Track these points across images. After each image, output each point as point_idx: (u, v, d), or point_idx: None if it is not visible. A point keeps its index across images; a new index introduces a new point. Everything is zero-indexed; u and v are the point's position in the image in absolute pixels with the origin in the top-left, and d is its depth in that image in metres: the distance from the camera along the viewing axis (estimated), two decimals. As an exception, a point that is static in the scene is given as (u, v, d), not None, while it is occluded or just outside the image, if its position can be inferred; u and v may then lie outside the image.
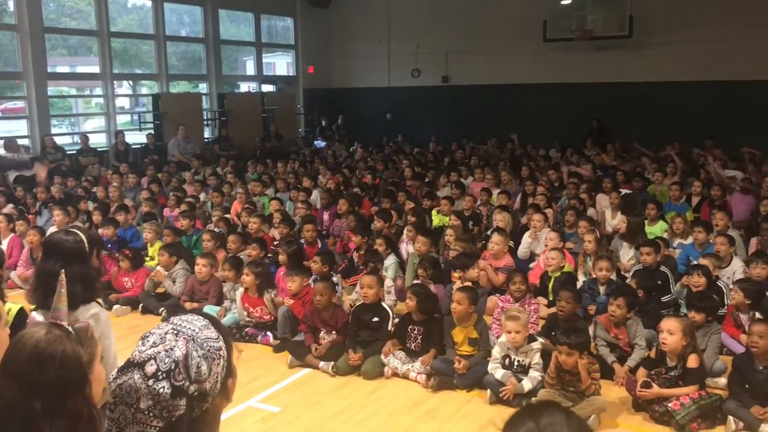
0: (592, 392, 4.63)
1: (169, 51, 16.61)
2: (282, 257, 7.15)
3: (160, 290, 7.42)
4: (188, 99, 16.95)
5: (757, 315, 5.10)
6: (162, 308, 6.97)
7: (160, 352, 1.50)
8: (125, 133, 14.65)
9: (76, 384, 1.74)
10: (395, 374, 5.46)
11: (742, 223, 8.75)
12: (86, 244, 3.38)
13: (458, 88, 18.44)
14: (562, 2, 16.08)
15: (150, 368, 1.48)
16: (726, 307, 5.96)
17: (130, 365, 1.51)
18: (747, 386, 4.59)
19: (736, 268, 6.74)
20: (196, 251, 8.04)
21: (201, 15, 17.25)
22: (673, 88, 15.56)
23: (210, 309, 6.62)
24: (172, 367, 1.49)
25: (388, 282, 6.83)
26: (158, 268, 7.42)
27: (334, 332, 5.76)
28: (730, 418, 4.47)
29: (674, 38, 15.44)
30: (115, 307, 7.08)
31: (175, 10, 17.16)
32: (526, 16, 16.68)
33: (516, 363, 5.02)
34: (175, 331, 1.55)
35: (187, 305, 6.81)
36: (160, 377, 1.47)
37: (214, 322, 1.65)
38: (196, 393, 1.53)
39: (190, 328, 1.57)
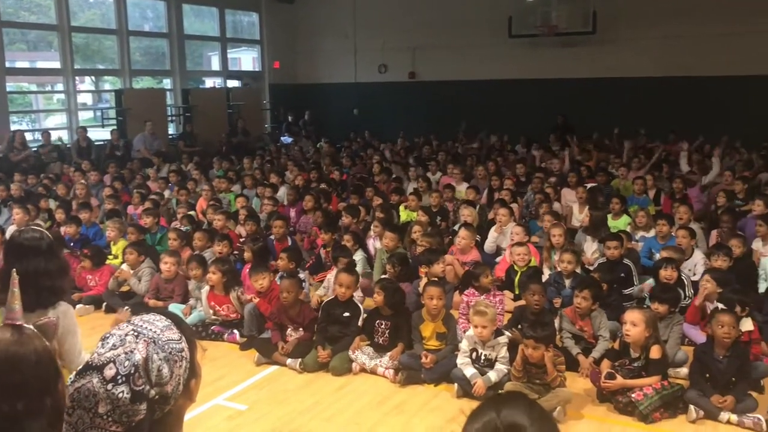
0: (557, 384, 4.68)
1: (133, 46, 16.36)
2: (248, 254, 7.10)
3: (124, 289, 7.32)
4: (152, 95, 16.72)
5: (720, 306, 5.19)
6: (126, 307, 6.86)
7: (119, 355, 1.46)
8: (88, 129, 14.40)
9: (53, 380, 1.73)
10: (363, 370, 5.45)
11: (701, 215, 8.92)
12: (52, 241, 3.33)
13: (425, 83, 18.50)
14: (527, -2, 16.23)
15: (109, 372, 1.45)
16: (686, 298, 6.08)
17: (89, 368, 1.47)
18: (707, 375, 4.68)
19: (697, 261, 6.87)
20: (160, 249, 7.94)
21: (164, 9, 17.03)
22: (636, 83, 15.80)
23: (175, 307, 6.55)
24: (132, 371, 1.45)
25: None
26: (123, 266, 7.30)
27: (301, 329, 5.74)
28: (691, 407, 4.56)
29: (637, 34, 15.69)
30: (78, 306, 6.94)
31: (138, 4, 16.91)
32: (491, 12, 16.79)
33: (483, 357, 5.05)
34: (136, 333, 1.51)
35: (152, 303, 6.72)
36: (120, 381, 1.44)
37: (176, 321, 1.62)
38: (157, 396, 1.50)
39: (151, 330, 1.53)
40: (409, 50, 18.54)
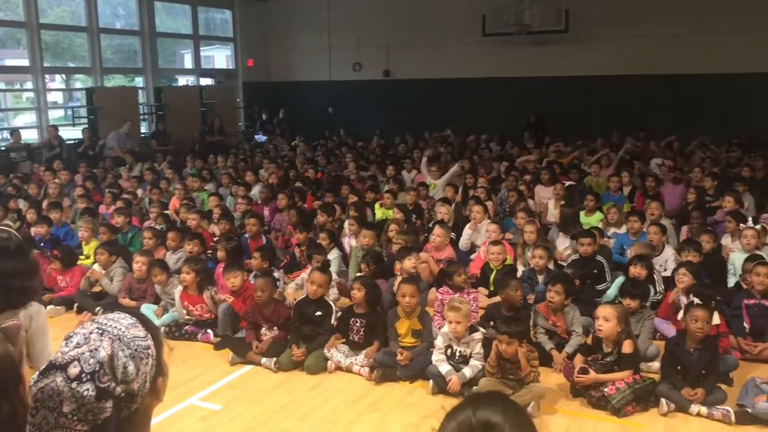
0: (531, 380, 4.72)
1: (104, 44, 16.13)
2: (221, 253, 7.05)
3: (96, 289, 7.23)
4: (124, 93, 16.52)
5: (696, 300, 5.27)
6: (98, 308, 6.77)
7: (84, 353, 1.45)
8: (59, 128, 14.18)
9: (12, 384, 1.69)
10: (338, 368, 5.45)
11: (673, 212, 9.05)
12: (21, 241, 3.27)
13: (400, 82, 18.51)
14: (501, -3, 16.29)
15: (73, 370, 1.43)
16: (657, 294, 6.17)
17: (52, 367, 1.45)
18: (679, 368, 4.75)
19: (668, 256, 6.97)
20: (133, 249, 7.86)
21: (136, 7, 16.82)
22: (608, 82, 15.96)
23: (148, 308, 6.49)
24: (97, 369, 1.44)
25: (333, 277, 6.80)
26: (95, 266, 7.22)
27: (275, 328, 5.72)
28: (663, 400, 4.62)
29: (608, 33, 15.85)
30: (49, 307, 6.83)
31: (109, 1, 16.69)
32: (465, 10, 16.84)
33: (458, 353, 5.07)
34: (100, 331, 1.50)
35: (125, 303, 6.65)
36: (84, 379, 1.42)
37: (141, 319, 1.61)
38: (123, 394, 1.48)
39: (115, 327, 1.52)
40: (384, 48, 18.54)
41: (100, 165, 12.69)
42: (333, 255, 7.32)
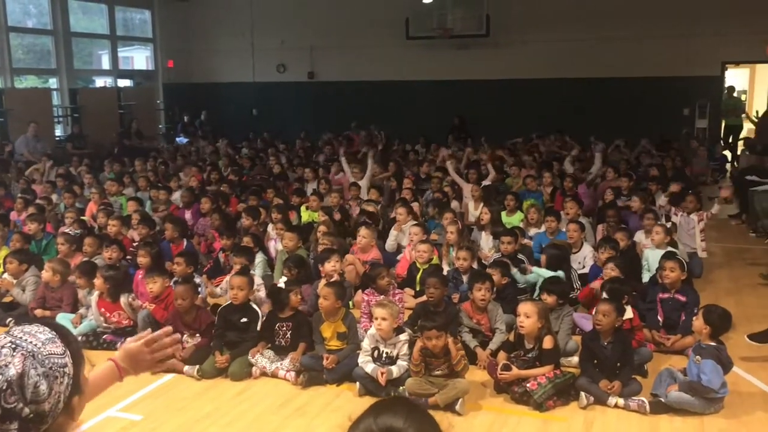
0: (462, 367, 4.75)
1: (14, 43, 15.44)
2: (141, 259, 6.84)
3: (7, 299, 6.90)
4: (36, 95, 15.89)
5: (604, 294, 5.46)
6: (9, 318, 6.47)
7: None
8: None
9: None
10: (264, 374, 5.37)
11: (589, 211, 9.35)
12: None
13: (324, 84, 18.46)
14: (423, 1, 16.47)
15: None
16: (576, 290, 6.36)
17: None
18: (596, 362, 4.91)
19: (586, 254, 7.20)
20: (47, 256, 7.54)
21: (48, 5, 16.17)
22: (528, 85, 16.38)
23: (64, 317, 6.24)
24: (4, 387, 1.36)
25: (258, 280, 6.71)
26: (5, 275, 6.88)
27: (197, 335, 5.59)
28: (582, 393, 4.76)
29: (528, 38, 16.28)
30: (-45, 320, 6.49)
31: (19, -1, 16.01)
32: (389, 13, 16.96)
33: (384, 354, 5.08)
34: (13, 346, 1.42)
35: (39, 313, 6.36)
36: None
37: (62, 334, 1.52)
38: (31, 415, 1.40)
39: (31, 342, 1.44)
40: (307, 50, 18.46)
41: (10, 170, 12.12)
42: (258, 259, 7.22)
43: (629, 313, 5.37)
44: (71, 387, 1.49)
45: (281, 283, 6.34)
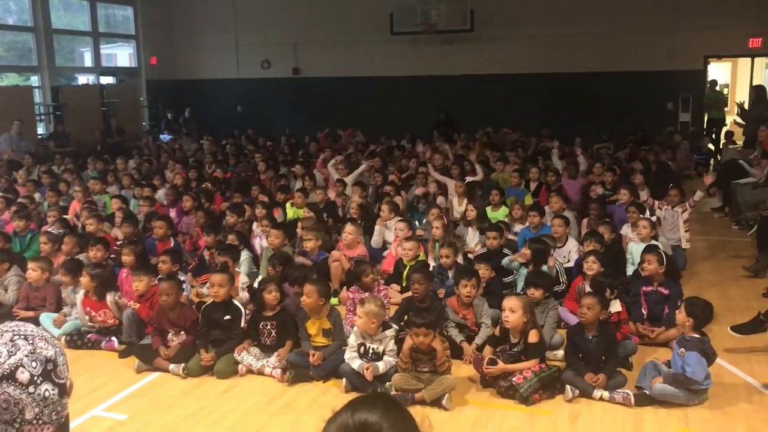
0: (445, 369, 4.77)
1: (-6, 40, 15.30)
2: (125, 258, 6.79)
3: (-12, 299, 6.82)
4: (18, 92, 15.74)
5: (587, 288, 5.48)
6: (-8, 319, 6.41)
7: (22, 359, 1.40)
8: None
9: None
10: (250, 371, 5.36)
11: (574, 205, 9.38)
12: None
13: (309, 80, 18.41)
14: (407, -4, 16.45)
15: (22, 376, 1.39)
16: (561, 284, 6.39)
17: None
18: (581, 355, 4.94)
19: (571, 248, 7.23)
20: (30, 253, 7.47)
21: (29, 1, 15.99)
22: (513, 80, 16.41)
23: (48, 316, 6.19)
24: (48, 368, 1.43)
25: (242, 278, 6.69)
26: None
27: (182, 333, 5.56)
28: (568, 387, 4.79)
29: (512, 33, 16.29)
30: (-64, 321, 6.41)
31: (-1, -5, 15.82)
32: (373, 9, 16.92)
33: (371, 350, 5.08)
34: (22, 336, 1.45)
35: (22, 314, 6.30)
36: (39, 381, 1.40)
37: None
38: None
39: (31, 329, 1.49)
40: (291, 46, 18.39)
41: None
42: (243, 256, 7.19)
43: (617, 306, 5.40)
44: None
45: (256, 283, 6.33)
